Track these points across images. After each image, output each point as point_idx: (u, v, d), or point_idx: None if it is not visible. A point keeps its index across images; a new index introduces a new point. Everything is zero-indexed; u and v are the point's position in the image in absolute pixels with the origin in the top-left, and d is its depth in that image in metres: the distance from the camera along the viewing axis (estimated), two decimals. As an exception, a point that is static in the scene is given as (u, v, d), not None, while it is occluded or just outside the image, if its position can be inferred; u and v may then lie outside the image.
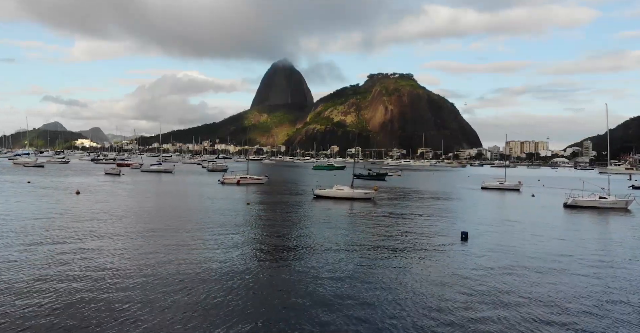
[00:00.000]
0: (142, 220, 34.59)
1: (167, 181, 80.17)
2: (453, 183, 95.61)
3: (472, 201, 57.11)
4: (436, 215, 41.84)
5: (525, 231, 34.12)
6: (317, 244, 27.32)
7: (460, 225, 35.40)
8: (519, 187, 76.88)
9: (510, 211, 46.73)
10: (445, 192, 70.26)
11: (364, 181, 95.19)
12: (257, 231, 31.65)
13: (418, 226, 35.16)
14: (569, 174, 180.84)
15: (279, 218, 38.17)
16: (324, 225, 34.66)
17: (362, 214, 42.10)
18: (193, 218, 36.35)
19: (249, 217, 37.77)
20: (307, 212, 42.20)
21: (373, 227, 34.63)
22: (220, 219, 35.99)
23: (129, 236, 27.73)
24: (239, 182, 77.45)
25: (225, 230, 31.24)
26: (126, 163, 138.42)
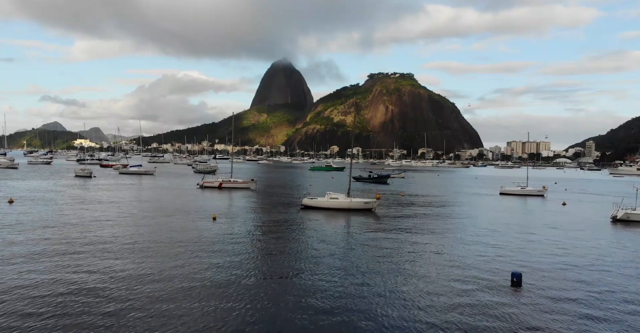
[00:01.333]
0: (40, 243, 24.08)
1: (141, 185, 69.70)
2: (463, 187, 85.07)
3: (496, 213, 46.53)
4: (461, 237, 31.32)
5: (594, 267, 23.64)
6: (294, 298, 16.81)
7: (495, 254, 24.97)
8: (543, 193, 66.35)
9: (554, 232, 36.12)
10: (459, 200, 59.71)
11: (364, 184, 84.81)
12: (197, 270, 21.14)
13: (442, 258, 24.63)
14: (580, 176, 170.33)
15: (242, 245, 27.65)
16: (304, 257, 24.17)
17: (361, 234, 31.60)
18: (116, 248, 25.84)
19: (199, 246, 27.25)
20: (287, 232, 31.72)
21: (377, 259, 24.10)
22: (163, 249, 25.50)
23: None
24: (221, 186, 67.01)
25: (147, 272, 20.74)
26: (109, 164, 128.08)
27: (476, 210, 46.75)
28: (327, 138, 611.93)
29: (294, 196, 56.53)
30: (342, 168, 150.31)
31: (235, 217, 36.82)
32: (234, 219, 35.86)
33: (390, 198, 57.13)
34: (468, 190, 75.48)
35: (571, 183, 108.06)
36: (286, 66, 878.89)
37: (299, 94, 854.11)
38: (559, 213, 46.56)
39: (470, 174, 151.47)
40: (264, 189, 68.59)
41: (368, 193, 63.84)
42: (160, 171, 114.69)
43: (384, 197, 59.25)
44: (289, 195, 58.75)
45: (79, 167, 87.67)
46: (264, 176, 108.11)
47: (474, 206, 50.62)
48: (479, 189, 79.53)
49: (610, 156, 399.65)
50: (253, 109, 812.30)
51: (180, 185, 70.78)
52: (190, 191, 60.76)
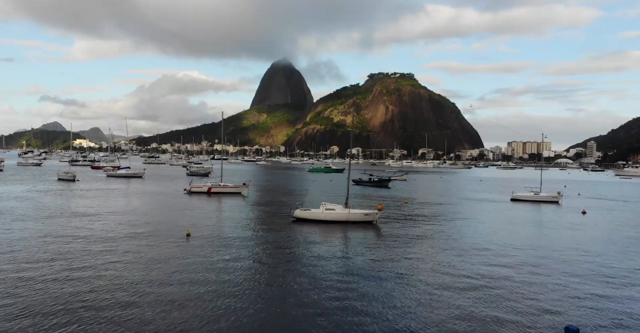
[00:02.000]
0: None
1: (124, 191, 64.38)
2: (469, 191, 79.72)
3: (514, 228, 41.20)
4: (481, 267, 26.00)
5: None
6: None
7: (531, 294, 19.68)
8: (557, 199, 60.96)
9: (594, 259, 30.78)
10: (469, 208, 54.38)
11: (364, 188, 79.53)
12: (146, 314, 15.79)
13: (465, 297, 19.26)
14: (585, 177, 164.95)
15: (215, 272, 22.31)
16: (290, 291, 18.79)
17: (360, 256, 26.25)
18: (20, 299, 20.51)
19: (162, 272, 21.91)
20: (271, 255, 26.37)
21: (383, 298, 18.73)
22: (110, 275, 20.17)
23: None
24: (210, 192, 61.72)
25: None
26: (100, 166, 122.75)
27: (490, 223, 41.40)
28: (327, 138, 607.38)
29: (286, 204, 51.18)
30: (341, 169, 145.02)
31: (213, 234, 31.35)
32: (211, 237, 30.38)
33: (392, 206, 51.81)
34: (475, 195, 70.09)
35: (580, 186, 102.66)
36: (286, 66, 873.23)
37: (299, 94, 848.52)
38: (584, 226, 41.09)
39: (473, 176, 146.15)
40: (256, 194, 63.30)
41: (368, 200, 58.52)
42: (152, 174, 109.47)
43: (386, 204, 53.92)
44: (282, 203, 53.38)
45: (63, 170, 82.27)
46: (259, 178, 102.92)
47: (487, 218, 45.28)
48: (486, 194, 74.16)
49: (612, 156, 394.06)
50: (253, 109, 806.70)
51: (167, 190, 65.45)
52: (175, 198, 55.47)
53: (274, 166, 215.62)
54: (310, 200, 56.49)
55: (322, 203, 38.20)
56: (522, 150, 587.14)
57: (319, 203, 53.62)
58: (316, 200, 56.27)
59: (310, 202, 53.25)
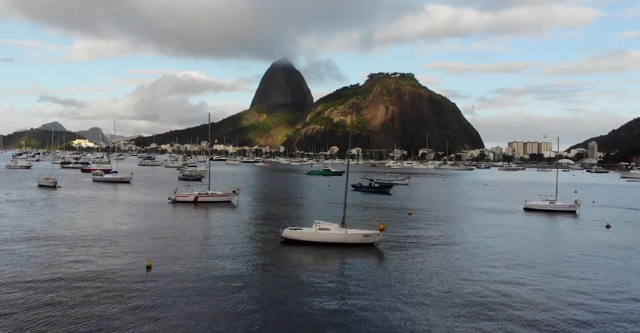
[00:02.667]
0: None
1: (105, 199, 59.17)
2: (476, 198, 74.48)
3: (535, 249, 35.98)
4: (513, 313, 20.78)
5: None
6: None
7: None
8: (574, 208, 55.76)
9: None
10: (480, 221, 49.19)
11: (364, 195, 74.40)
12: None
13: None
14: (590, 180, 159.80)
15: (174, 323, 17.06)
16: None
17: (360, 295, 20.98)
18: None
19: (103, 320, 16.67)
20: (253, 293, 21.10)
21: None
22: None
23: None
24: (197, 201, 56.51)
25: None
26: (90, 168, 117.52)
27: (508, 245, 36.18)
28: (327, 138, 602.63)
29: (278, 217, 45.95)
30: (341, 172, 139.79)
31: (180, 265, 25.82)
32: (177, 272, 24.96)
33: (395, 221, 46.58)
34: (484, 204, 64.79)
35: (589, 191, 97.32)
36: (286, 66, 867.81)
37: (299, 94, 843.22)
38: (617, 248, 35.81)
39: (476, 179, 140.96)
40: (246, 203, 58.04)
41: (368, 210, 53.21)
42: (144, 177, 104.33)
43: (388, 217, 48.74)
44: (273, 216, 48.07)
45: (43, 176, 77.01)
46: (254, 183, 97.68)
47: (503, 236, 40.07)
48: (495, 202, 68.87)
49: (614, 157, 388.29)
50: (253, 109, 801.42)
51: (151, 199, 60.18)
52: (157, 209, 50.29)
53: (273, 167, 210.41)
54: (304, 211, 51.28)
55: (315, 221, 32.86)
56: (522, 150, 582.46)
57: (314, 213, 48.45)
58: (311, 210, 51.13)
59: (304, 215, 48.07)
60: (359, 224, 40.80)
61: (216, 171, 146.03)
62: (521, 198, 72.37)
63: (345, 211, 33.67)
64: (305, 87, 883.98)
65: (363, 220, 44.35)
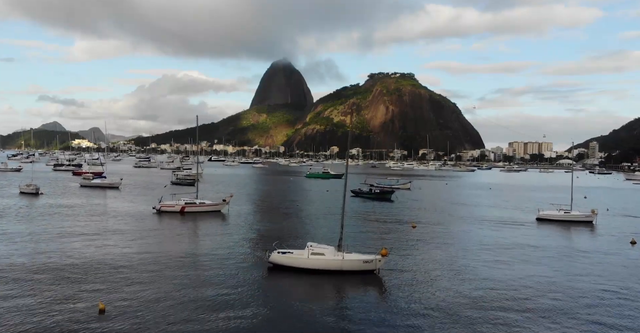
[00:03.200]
0: None
1: (87, 209, 54.89)
2: (482, 206, 70.15)
3: (565, 275, 31.70)
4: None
5: None
6: None
7: None
8: (591, 219, 51.47)
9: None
10: (491, 235, 44.90)
11: (364, 202, 70.14)
12: None
13: None
14: (595, 182, 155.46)
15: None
16: None
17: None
18: None
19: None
20: (230, 328, 16.83)
21: None
22: None
23: None
24: (184, 211, 52.27)
25: None
26: (81, 172, 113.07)
27: (524, 268, 31.96)
28: (327, 138, 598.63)
29: (270, 231, 41.70)
30: (340, 175, 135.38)
31: (143, 304, 21.55)
32: (138, 307, 20.76)
33: (398, 235, 42.32)
34: (492, 213, 60.45)
35: (599, 195, 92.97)
36: (286, 66, 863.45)
37: (298, 94, 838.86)
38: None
39: (480, 182, 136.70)
40: (238, 213, 53.72)
41: (368, 222, 48.80)
42: (135, 181, 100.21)
43: (390, 229, 44.50)
44: (265, 229, 43.74)
45: (24, 182, 72.64)
46: (249, 187, 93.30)
47: (518, 256, 35.83)
48: (503, 210, 64.53)
49: (616, 157, 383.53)
50: (252, 109, 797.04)
51: (136, 208, 55.90)
52: (139, 221, 46.04)
53: (271, 169, 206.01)
54: (298, 224, 46.96)
55: (308, 244, 28.42)
56: (523, 150, 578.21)
57: (309, 226, 44.26)
58: (306, 223, 46.78)
59: (297, 229, 43.73)
60: (358, 241, 36.62)
61: (212, 173, 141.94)
62: (530, 206, 68.16)
63: (343, 230, 29.28)
64: (305, 87, 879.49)
65: (362, 235, 40.08)
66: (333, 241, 30.93)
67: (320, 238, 36.69)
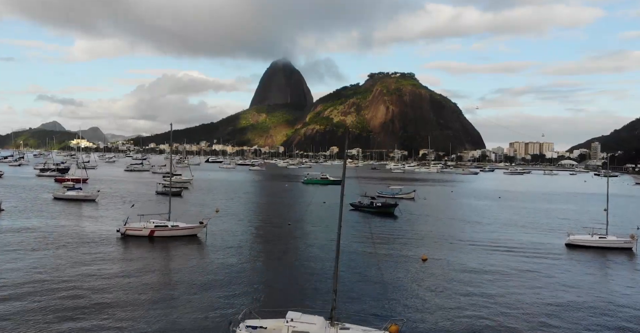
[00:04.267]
0: None
1: (44, 231, 46.99)
2: (498, 223, 62.29)
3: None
4: None
5: None
6: None
7: None
8: (631, 245, 43.70)
9: None
10: (517, 267, 37.02)
11: (364, 217, 62.31)
12: None
13: None
14: (604, 186, 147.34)
15: None
16: None
17: None
18: None
19: None
20: None
21: None
22: None
23: None
24: (153, 235, 44.43)
25: None
26: (64, 178, 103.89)
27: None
28: (327, 138, 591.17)
29: (251, 270, 33.84)
30: (339, 181, 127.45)
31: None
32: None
33: (406, 274, 34.47)
34: (511, 235, 52.43)
35: (616, 205, 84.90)
36: (286, 66, 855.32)
37: (298, 94, 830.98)
38: None
39: (486, 189, 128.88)
40: (218, 236, 45.81)
41: (367, 250, 40.58)
42: (118, 190, 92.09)
43: (395, 263, 36.65)
44: (242, 269, 35.71)
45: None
46: (240, 197, 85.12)
47: (555, 314, 28.02)
48: (522, 230, 56.60)
49: (619, 158, 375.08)
50: (252, 109, 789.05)
51: (103, 228, 48.06)
52: (97, 250, 38.22)
53: (268, 172, 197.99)
54: (287, 255, 38.90)
55: (288, 315, 20.32)
56: (524, 151, 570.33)
57: (301, 259, 36.52)
58: (297, 252, 38.61)
59: (286, 264, 35.57)
60: (355, 291, 28.70)
61: (204, 178, 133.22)
62: (551, 223, 60.23)
63: (336, 295, 21.28)
64: (305, 87, 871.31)
65: (361, 282, 32.18)
66: (326, 292, 23.05)
67: (311, 288, 28.90)
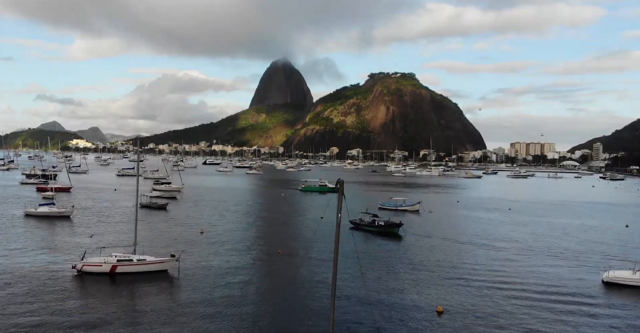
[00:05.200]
0: None
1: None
2: (514, 247, 55.19)
3: None
4: None
5: None
6: None
7: None
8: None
9: None
10: (555, 319, 29.97)
11: (366, 239, 55.39)
12: None
13: None
14: (615, 193, 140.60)
15: None
16: None
17: None
18: None
19: None
20: None
21: None
22: None
23: None
24: (115, 272, 37.36)
25: None
26: (45, 187, 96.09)
27: None
28: (327, 138, 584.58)
29: (239, 306, 26.77)
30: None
31: None
32: None
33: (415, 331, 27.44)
34: (532, 266, 45.39)
35: (636, 220, 77.78)
36: (286, 65, 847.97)
37: (298, 94, 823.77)
38: None
39: (494, 198, 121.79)
40: (193, 271, 38.72)
41: (367, 317, 33.32)
42: (99, 202, 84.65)
43: (396, 292, 29.62)
44: (228, 307, 28.64)
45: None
46: (229, 213, 77.51)
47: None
48: (543, 258, 49.45)
49: (622, 159, 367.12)
50: (252, 109, 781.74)
51: (65, 258, 41.03)
52: (39, 298, 31.21)
53: (265, 176, 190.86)
54: (273, 303, 31.77)
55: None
56: (525, 151, 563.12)
57: (292, 303, 29.49)
58: (287, 290, 31.55)
59: (273, 308, 28.45)
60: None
61: (196, 185, 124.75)
62: (574, 246, 52.58)
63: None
64: (305, 86, 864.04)
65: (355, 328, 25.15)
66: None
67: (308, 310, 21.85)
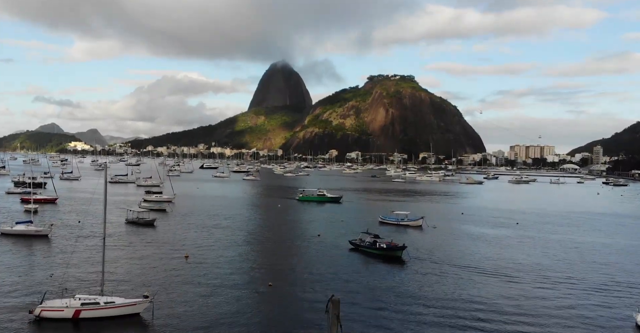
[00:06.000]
0: None
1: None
2: (530, 271, 50.01)
3: None
4: None
5: None
6: None
7: None
8: None
9: None
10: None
11: (365, 262, 50.40)
12: None
13: None
14: (623, 202, 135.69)
15: None
16: None
17: None
18: None
19: None
20: None
21: None
22: None
23: None
24: (79, 317, 32.15)
25: None
26: (28, 199, 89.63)
27: None
28: (326, 141, 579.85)
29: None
30: (338, 198, 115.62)
31: None
32: None
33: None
34: (556, 300, 40.25)
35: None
36: (285, 67, 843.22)
37: (297, 96, 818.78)
38: None
39: (499, 209, 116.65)
40: (169, 312, 33.53)
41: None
42: (84, 215, 78.84)
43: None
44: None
45: None
46: (221, 227, 72.04)
47: None
48: (563, 289, 44.29)
49: (623, 163, 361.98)
50: (251, 112, 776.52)
51: (23, 299, 35.82)
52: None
53: (262, 182, 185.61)
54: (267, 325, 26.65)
55: None
56: (525, 154, 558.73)
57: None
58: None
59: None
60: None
61: (189, 194, 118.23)
62: (595, 276, 46.99)
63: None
64: (304, 88, 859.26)
65: None
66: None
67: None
